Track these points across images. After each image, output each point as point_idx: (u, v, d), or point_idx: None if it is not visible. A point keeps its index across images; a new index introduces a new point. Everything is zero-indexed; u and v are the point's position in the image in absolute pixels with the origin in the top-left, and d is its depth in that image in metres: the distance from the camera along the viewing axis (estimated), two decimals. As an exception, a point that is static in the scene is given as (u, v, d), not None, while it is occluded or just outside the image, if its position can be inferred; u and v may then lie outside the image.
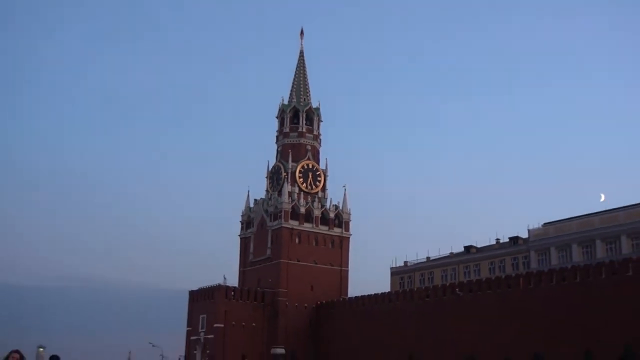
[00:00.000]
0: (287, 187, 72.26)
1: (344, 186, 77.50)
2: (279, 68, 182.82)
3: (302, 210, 72.15)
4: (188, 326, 71.18)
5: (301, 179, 73.82)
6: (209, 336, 66.53)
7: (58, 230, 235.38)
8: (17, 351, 9.78)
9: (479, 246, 71.48)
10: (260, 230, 73.81)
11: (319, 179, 75.54)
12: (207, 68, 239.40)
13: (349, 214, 75.54)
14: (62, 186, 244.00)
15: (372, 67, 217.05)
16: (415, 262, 76.25)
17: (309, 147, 76.15)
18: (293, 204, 71.80)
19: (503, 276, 57.67)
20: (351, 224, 75.44)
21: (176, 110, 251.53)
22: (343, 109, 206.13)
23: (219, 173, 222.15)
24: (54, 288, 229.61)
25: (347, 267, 74.10)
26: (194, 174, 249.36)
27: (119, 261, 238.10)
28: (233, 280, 73.01)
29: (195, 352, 68.35)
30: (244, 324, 66.94)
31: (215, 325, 66.02)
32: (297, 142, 75.69)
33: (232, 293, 68.58)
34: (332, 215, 74.16)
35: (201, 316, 68.97)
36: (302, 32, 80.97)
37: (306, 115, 76.69)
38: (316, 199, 74.14)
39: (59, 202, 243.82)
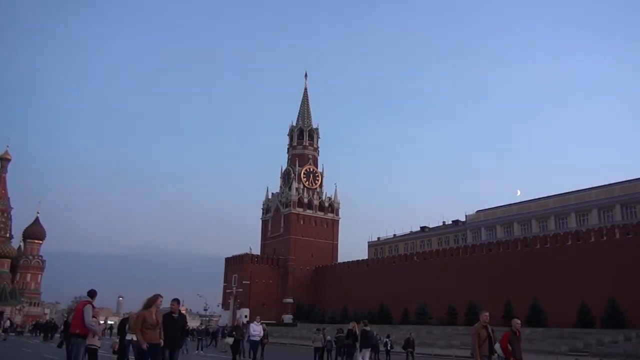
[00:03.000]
0: (295, 184, 72.02)
1: (335, 184, 77.57)
2: (290, 101, 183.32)
3: (306, 200, 71.92)
4: (224, 282, 70.96)
5: (305, 179, 73.57)
6: (239, 290, 66.45)
7: (134, 214, 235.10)
8: (176, 299, 8.60)
9: (430, 226, 71.37)
10: (276, 215, 73.61)
11: (317, 178, 75.27)
12: (240, 102, 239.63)
13: (339, 203, 75.26)
14: (140, 183, 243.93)
15: (356, 100, 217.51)
16: (386, 237, 76.14)
17: (310, 156, 75.83)
18: (299, 196, 71.58)
19: (447, 248, 57.73)
20: (340, 211, 75.19)
21: (220, 131, 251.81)
22: (335, 128, 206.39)
23: (248, 175, 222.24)
24: (129, 255, 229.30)
25: (337, 241, 73.85)
26: (231, 176, 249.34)
27: (177, 237, 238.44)
28: (256, 250, 73.00)
29: (229, 301, 68.32)
30: (264, 281, 66.79)
31: (244, 282, 65.95)
32: (302, 152, 75.41)
33: (256, 259, 68.46)
34: (326, 204, 73.90)
35: (234, 275, 68.84)
36: (306, 75, 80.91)
37: (308, 133, 76.40)
38: (315, 193, 73.88)
39: (135, 194, 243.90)
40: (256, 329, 15.33)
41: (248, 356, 15.94)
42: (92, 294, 8.90)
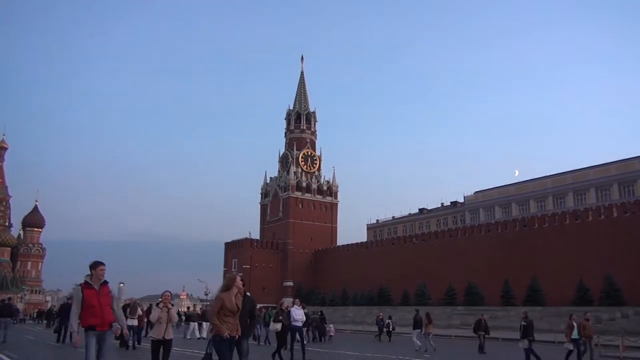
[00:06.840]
0: (293, 168, 71.96)
1: (333, 167, 78.17)
2: (286, 84, 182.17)
3: (304, 184, 71.92)
4: (224, 267, 71.24)
5: (303, 163, 73.48)
6: (240, 274, 66.09)
7: (133, 201, 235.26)
8: (239, 276, 7.33)
9: (429, 208, 71.54)
10: (275, 199, 73.70)
11: (315, 162, 75.17)
12: (236, 86, 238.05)
13: (337, 186, 75.33)
14: (141, 178, 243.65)
15: (353, 82, 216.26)
16: (384, 220, 76.35)
17: (308, 140, 75.60)
18: (297, 180, 71.56)
19: (446, 229, 57.93)
20: (339, 194, 75.27)
21: (217, 116, 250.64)
22: (333, 111, 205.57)
23: (246, 160, 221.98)
24: (129, 241, 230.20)
25: (336, 224, 74.09)
26: (229, 161, 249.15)
27: (177, 222, 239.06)
28: (256, 235, 73.27)
29: (229, 285, 68.76)
30: (264, 265, 67.20)
31: (243, 266, 66.26)
32: (300, 136, 75.13)
33: (255, 244, 68.82)
34: (325, 187, 73.95)
35: (233, 260, 69.17)
36: (302, 58, 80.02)
37: (306, 117, 76.06)
38: (314, 177, 73.85)
39: (134, 181, 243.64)
40: (298, 314, 13.58)
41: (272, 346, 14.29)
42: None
